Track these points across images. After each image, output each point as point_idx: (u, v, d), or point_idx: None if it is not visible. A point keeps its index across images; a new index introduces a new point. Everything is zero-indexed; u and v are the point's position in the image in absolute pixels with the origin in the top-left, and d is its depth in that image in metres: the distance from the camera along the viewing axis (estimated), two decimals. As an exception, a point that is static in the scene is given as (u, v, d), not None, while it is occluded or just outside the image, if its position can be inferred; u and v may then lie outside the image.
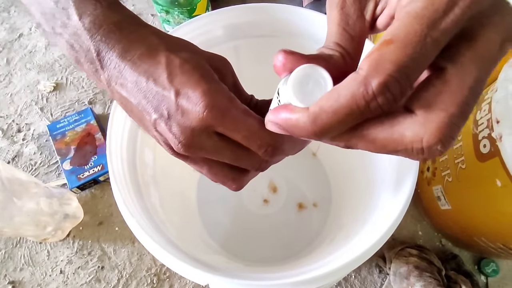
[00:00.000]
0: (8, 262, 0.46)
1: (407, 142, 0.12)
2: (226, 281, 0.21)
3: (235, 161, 0.18)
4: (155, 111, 0.17)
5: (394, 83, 0.11)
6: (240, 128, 0.17)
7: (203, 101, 0.16)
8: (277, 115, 0.14)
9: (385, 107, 0.11)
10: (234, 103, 0.17)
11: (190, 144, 0.17)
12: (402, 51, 0.11)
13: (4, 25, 0.65)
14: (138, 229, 0.23)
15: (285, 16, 0.34)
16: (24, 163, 0.52)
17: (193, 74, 0.17)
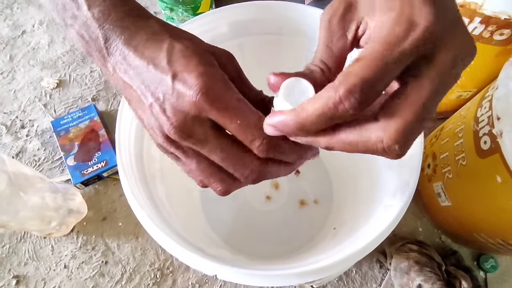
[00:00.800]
0: (13, 257, 0.46)
1: (372, 143, 0.15)
2: (233, 271, 0.21)
3: (223, 160, 0.18)
4: (152, 94, 0.17)
5: (357, 91, 0.13)
6: (234, 116, 0.16)
7: (198, 84, 0.16)
8: (272, 118, 0.16)
9: (351, 111, 0.14)
10: (230, 90, 0.17)
11: (182, 127, 0.17)
12: (366, 67, 0.14)
13: (7, 21, 0.66)
14: (147, 220, 0.24)
15: (289, 14, 0.35)
16: (28, 159, 0.53)
17: (192, 58, 0.17)
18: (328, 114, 0.14)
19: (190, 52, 0.17)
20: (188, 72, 0.16)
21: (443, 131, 0.44)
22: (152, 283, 0.45)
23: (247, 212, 0.47)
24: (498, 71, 0.33)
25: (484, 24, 0.36)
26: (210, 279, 0.45)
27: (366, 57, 0.14)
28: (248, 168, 0.18)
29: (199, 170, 0.19)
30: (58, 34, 0.64)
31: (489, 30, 0.36)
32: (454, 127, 0.40)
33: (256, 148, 0.17)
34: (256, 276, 0.21)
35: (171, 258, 0.46)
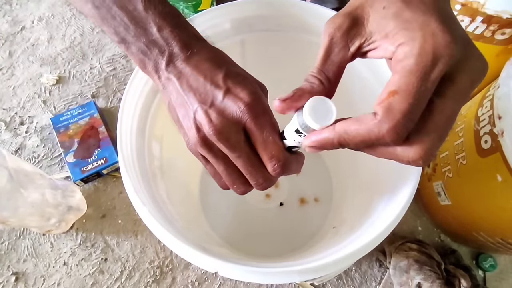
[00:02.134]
0: (12, 254, 0.46)
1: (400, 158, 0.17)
2: (235, 268, 0.21)
3: (247, 167, 0.20)
4: (200, 101, 0.20)
5: (399, 126, 0.15)
6: (264, 132, 0.19)
7: (247, 99, 0.19)
8: (310, 139, 0.18)
9: (392, 143, 0.16)
10: (269, 112, 0.20)
11: (221, 130, 0.19)
12: (405, 100, 0.15)
13: (6, 17, 0.65)
14: (149, 217, 0.23)
15: (291, 10, 0.34)
16: (27, 155, 0.52)
17: (245, 81, 0.20)
18: (368, 143, 0.16)
19: (244, 76, 0.21)
20: (241, 89, 0.20)
21: (444, 130, 0.44)
22: (151, 281, 0.45)
23: (246, 210, 0.47)
24: (499, 71, 0.33)
25: (486, 24, 0.36)
26: (210, 277, 0.45)
27: (402, 90, 0.15)
28: (263, 177, 0.21)
29: (226, 173, 0.21)
30: (57, 31, 0.64)
31: (491, 29, 0.36)
32: (455, 126, 0.40)
33: (271, 167, 0.20)
34: (257, 273, 0.21)
35: (171, 256, 0.46)
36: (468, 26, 0.37)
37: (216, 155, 0.21)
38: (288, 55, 0.39)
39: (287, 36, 0.37)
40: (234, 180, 0.22)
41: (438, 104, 0.15)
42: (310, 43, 0.36)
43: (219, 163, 0.21)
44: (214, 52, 0.22)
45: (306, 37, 0.36)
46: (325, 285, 0.45)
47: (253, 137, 0.20)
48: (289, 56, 0.38)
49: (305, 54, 0.38)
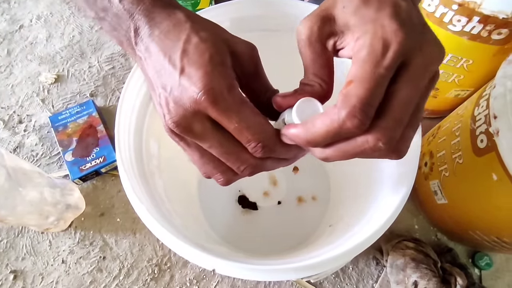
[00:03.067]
0: (10, 252, 0.46)
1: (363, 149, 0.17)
2: (232, 265, 0.21)
3: (222, 155, 0.18)
4: (161, 85, 0.18)
5: (357, 111, 0.15)
6: (232, 118, 0.17)
7: (201, 82, 0.16)
8: (287, 130, 0.18)
9: (355, 129, 0.16)
10: (233, 91, 0.17)
11: (180, 123, 0.17)
12: (359, 88, 0.15)
13: (4, 16, 0.65)
14: (146, 215, 0.24)
15: (290, 10, 0.35)
16: (26, 154, 0.52)
17: (204, 54, 0.17)
18: (333, 133, 0.16)
19: (204, 47, 0.17)
20: (196, 69, 0.17)
21: (440, 129, 0.44)
22: (150, 279, 0.45)
23: (245, 209, 0.47)
24: (495, 70, 0.34)
25: (483, 24, 0.36)
26: (208, 275, 0.45)
27: (357, 79, 0.16)
28: (244, 164, 0.19)
29: (202, 162, 0.19)
30: (56, 29, 0.64)
31: (487, 29, 0.36)
32: (451, 125, 0.41)
33: (251, 149, 0.18)
34: (254, 271, 0.22)
35: (169, 254, 0.46)
36: (465, 26, 0.37)
37: (188, 144, 0.19)
38: (287, 55, 0.39)
39: (286, 36, 0.37)
40: (212, 170, 0.20)
41: (393, 90, 0.16)
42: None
43: (193, 153, 0.19)
44: (177, 19, 0.19)
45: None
46: (322, 283, 0.45)
47: (221, 124, 0.17)
48: (288, 55, 0.38)
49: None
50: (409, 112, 0.16)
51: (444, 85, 0.47)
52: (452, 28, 0.39)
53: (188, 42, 0.17)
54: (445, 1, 0.37)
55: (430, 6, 0.39)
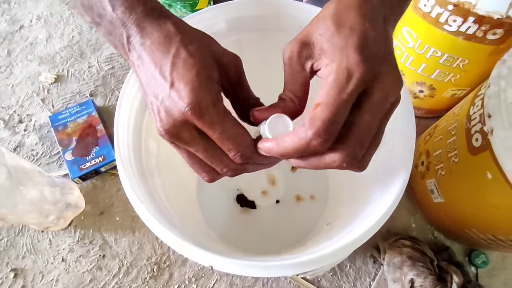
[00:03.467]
0: (11, 250, 0.46)
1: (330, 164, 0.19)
2: (229, 261, 0.22)
3: (207, 159, 0.21)
4: (153, 94, 0.20)
5: (322, 132, 0.18)
6: (215, 129, 0.19)
7: (188, 98, 0.18)
8: (262, 144, 0.20)
9: (320, 147, 0.18)
10: (217, 105, 0.19)
11: (170, 131, 0.19)
12: (324, 111, 0.18)
13: (4, 16, 0.65)
14: (145, 213, 0.24)
15: (287, 10, 0.35)
16: (26, 153, 0.53)
17: (191, 69, 0.19)
18: (302, 149, 0.19)
19: (192, 62, 0.19)
20: (184, 84, 0.18)
21: (437, 129, 0.45)
22: (149, 277, 0.45)
23: (244, 208, 0.47)
24: (491, 70, 0.34)
25: (478, 24, 0.36)
26: (207, 273, 0.46)
27: (323, 102, 0.18)
28: (226, 167, 0.21)
29: (190, 162, 0.22)
30: (56, 30, 0.64)
31: (482, 29, 0.37)
32: (448, 125, 0.41)
33: (231, 156, 0.20)
34: (251, 267, 0.22)
35: (168, 252, 0.47)
36: (461, 26, 0.38)
37: (178, 146, 0.21)
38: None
39: (283, 35, 0.37)
40: (199, 169, 0.22)
41: (355, 115, 0.18)
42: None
43: (182, 154, 0.21)
44: (167, 31, 0.20)
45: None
46: (320, 280, 0.45)
47: (206, 134, 0.20)
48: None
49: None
50: (370, 136, 0.19)
51: (440, 85, 0.47)
52: (448, 28, 0.39)
53: (177, 56, 0.19)
54: (440, 1, 0.38)
55: (426, 6, 0.39)
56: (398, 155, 0.30)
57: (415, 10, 0.41)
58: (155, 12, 0.21)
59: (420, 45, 0.44)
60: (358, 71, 0.17)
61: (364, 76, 0.18)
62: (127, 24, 0.20)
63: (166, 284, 0.45)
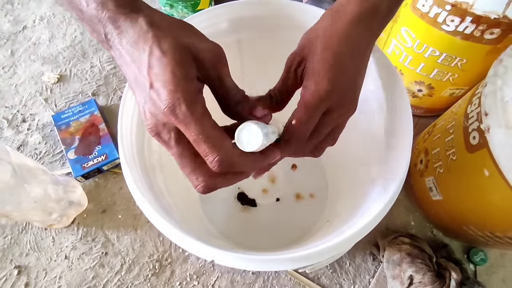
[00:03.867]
0: (14, 247, 0.47)
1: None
2: (230, 256, 0.22)
3: (180, 166, 0.20)
4: (137, 94, 0.20)
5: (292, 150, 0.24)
6: (193, 131, 0.18)
7: (165, 98, 0.18)
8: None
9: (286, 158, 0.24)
10: (193, 105, 0.19)
11: (152, 129, 0.19)
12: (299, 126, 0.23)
13: (8, 17, 0.66)
14: (148, 208, 0.25)
15: (287, 11, 0.36)
16: (29, 152, 0.53)
17: (165, 68, 0.18)
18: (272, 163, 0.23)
19: (166, 61, 0.19)
20: (161, 85, 0.18)
21: (436, 127, 0.45)
22: (151, 274, 0.46)
23: (244, 205, 0.48)
24: (487, 69, 0.34)
25: (475, 24, 0.37)
26: (208, 270, 0.46)
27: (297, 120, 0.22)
28: (197, 180, 0.20)
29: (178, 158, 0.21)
30: (58, 30, 0.65)
31: (480, 29, 0.37)
32: (446, 123, 0.42)
33: (209, 163, 0.19)
34: (251, 261, 0.22)
35: (170, 249, 0.47)
36: (458, 26, 0.38)
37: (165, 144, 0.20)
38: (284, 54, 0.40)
39: (283, 35, 0.38)
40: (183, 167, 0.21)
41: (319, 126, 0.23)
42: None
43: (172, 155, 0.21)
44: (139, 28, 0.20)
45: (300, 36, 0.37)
46: (320, 278, 0.46)
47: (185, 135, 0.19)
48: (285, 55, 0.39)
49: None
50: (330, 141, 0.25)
51: (439, 84, 0.48)
52: (446, 28, 0.39)
53: (151, 55, 0.19)
54: (438, 1, 0.38)
55: (424, 6, 0.40)
56: (396, 153, 0.30)
57: (414, 10, 0.42)
58: (127, 6, 0.20)
59: (418, 44, 0.44)
60: (327, 98, 0.22)
61: (331, 102, 0.22)
62: (102, 21, 0.20)
63: (167, 281, 0.46)
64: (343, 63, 0.22)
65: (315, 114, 0.22)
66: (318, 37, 0.23)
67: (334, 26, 0.23)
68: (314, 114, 0.22)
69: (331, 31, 0.22)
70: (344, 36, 0.22)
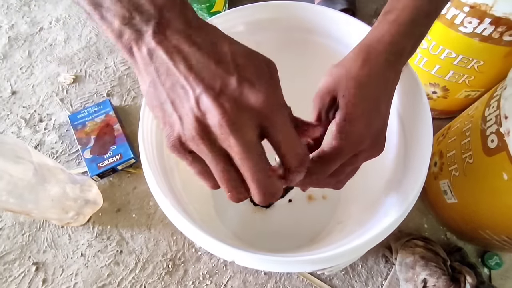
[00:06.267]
0: (32, 245, 0.48)
1: None
2: (252, 256, 0.22)
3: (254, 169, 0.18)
4: (205, 87, 0.16)
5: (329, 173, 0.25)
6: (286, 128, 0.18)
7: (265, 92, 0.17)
8: None
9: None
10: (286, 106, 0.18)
11: (236, 121, 0.16)
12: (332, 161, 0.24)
13: (25, 18, 0.68)
14: (169, 207, 0.25)
15: (300, 12, 0.36)
16: (46, 151, 0.55)
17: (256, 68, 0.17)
18: None
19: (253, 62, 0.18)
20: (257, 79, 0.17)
21: (451, 129, 0.45)
22: (164, 273, 0.46)
23: (257, 206, 0.48)
24: (506, 71, 0.34)
25: (494, 25, 0.36)
26: (220, 270, 0.47)
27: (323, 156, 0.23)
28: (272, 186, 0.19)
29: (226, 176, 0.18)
30: (74, 31, 0.66)
31: (499, 31, 0.37)
32: (462, 126, 0.41)
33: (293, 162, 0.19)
34: (272, 262, 0.23)
35: (183, 249, 0.48)
36: (476, 27, 0.38)
37: (219, 152, 0.17)
38: (300, 55, 0.40)
39: (298, 37, 0.38)
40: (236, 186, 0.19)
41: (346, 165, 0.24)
42: (319, 44, 0.38)
43: (219, 162, 0.18)
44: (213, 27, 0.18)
45: (315, 38, 0.38)
46: (332, 279, 0.46)
47: (272, 135, 0.18)
48: (300, 55, 0.40)
49: (314, 53, 0.39)
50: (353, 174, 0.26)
51: (454, 86, 0.47)
52: (463, 30, 0.39)
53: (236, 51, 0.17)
54: (456, 3, 0.38)
55: (441, 8, 0.40)
56: (414, 157, 0.30)
57: (430, 11, 0.41)
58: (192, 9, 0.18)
59: (434, 46, 0.44)
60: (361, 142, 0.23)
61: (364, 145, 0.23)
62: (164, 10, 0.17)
63: (181, 280, 0.46)
64: (377, 108, 0.23)
65: (346, 157, 0.23)
66: (351, 81, 0.23)
67: (365, 70, 0.23)
68: (345, 157, 0.23)
69: (362, 74, 0.23)
70: (376, 81, 0.23)
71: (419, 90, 0.30)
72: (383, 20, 0.25)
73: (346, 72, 0.23)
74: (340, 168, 0.24)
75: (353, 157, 0.23)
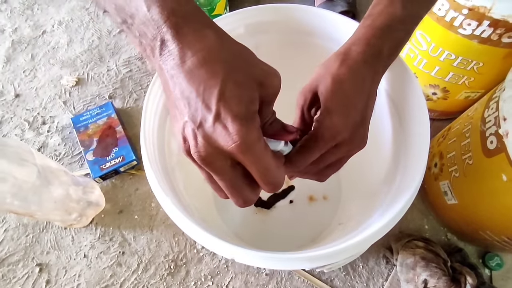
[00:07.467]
0: (36, 246, 0.48)
1: None
2: (251, 254, 0.23)
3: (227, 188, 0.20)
4: (189, 116, 0.18)
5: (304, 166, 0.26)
6: (258, 165, 0.19)
7: (236, 135, 0.17)
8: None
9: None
10: (260, 140, 0.19)
11: (205, 158, 0.18)
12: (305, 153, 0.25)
13: (28, 22, 0.68)
14: (171, 206, 0.25)
15: (300, 15, 0.36)
16: (49, 153, 0.55)
17: (239, 103, 0.18)
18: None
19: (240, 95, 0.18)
20: (232, 119, 0.17)
21: (451, 131, 0.45)
22: (166, 274, 0.47)
23: (258, 207, 0.49)
24: (505, 73, 0.34)
25: (493, 27, 0.37)
26: (222, 271, 0.47)
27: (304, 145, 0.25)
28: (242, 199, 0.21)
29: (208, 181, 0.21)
30: (76, 34, 0.67)
31: (497, 33, 0.37)
32: (461, 127, 0.41)
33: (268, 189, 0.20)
34: (271, 259, 0.23)
35: (185, 250, 0.48)
36: (475, 29, 0.38)
37: (201, 168, 0.20)
38: (299, 57, 0.40)
39: (298, 38, 0.38)
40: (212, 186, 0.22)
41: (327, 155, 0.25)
42: (319, 46, 0.38)
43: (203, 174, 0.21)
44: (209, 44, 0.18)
45: (315, 41, 0.38)
46: (333, 280, 0.46)
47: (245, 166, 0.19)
48: (300, 58, 0.40)
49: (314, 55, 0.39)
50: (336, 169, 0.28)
51: (454, 87, 0.48)
52: (462, 32, 0.39)
53: (224, 85, 0.18)
54: (455, 5, 0.38)
55: (441, 10, 0.40)
56: (412, 157, 0.31)
57: (429, 14, 0.42)
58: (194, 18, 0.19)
59: (434, 48, 0.44)
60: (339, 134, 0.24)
61: (343, 137, 0.24)
62: (163, 27, 0.18)
63: (183, 281, 0.46)
64: (353, 103, 0.25)
65: (325, 147, 0.24)
66: (329, 77, 0.25)
67: (342, 68, 0.25)
68: (324, 147, 0.24)
69: (339, 72, 0.25)
70: (352, 77, 0.25)
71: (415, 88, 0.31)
72: (361, 24, 0.28)
73: (326, 71, 0.26)
74: (321, 158, 0.25)
75: (334, 148, 0.25)
